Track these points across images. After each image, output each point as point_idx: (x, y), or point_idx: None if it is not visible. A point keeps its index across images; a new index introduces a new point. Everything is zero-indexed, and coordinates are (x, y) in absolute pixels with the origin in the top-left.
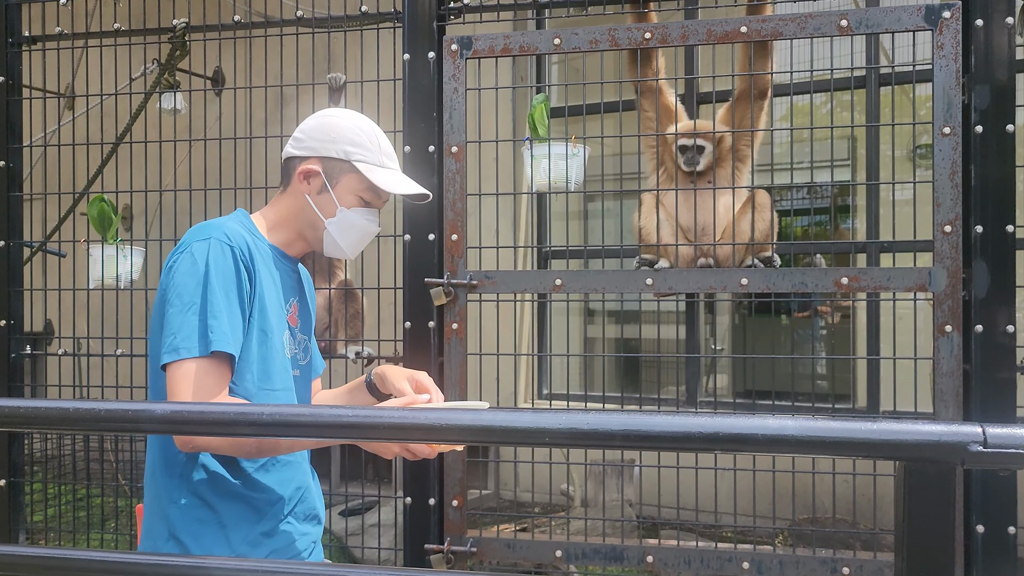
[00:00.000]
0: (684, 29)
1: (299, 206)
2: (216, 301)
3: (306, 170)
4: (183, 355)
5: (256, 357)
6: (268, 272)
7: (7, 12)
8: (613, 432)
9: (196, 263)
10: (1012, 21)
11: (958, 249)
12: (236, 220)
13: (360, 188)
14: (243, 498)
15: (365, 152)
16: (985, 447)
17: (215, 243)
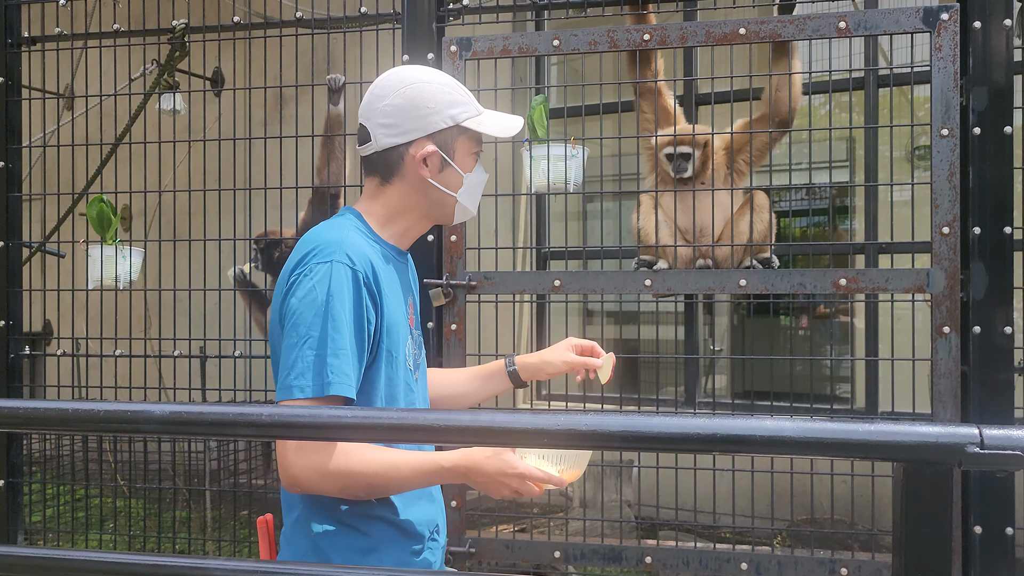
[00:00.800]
0: (683, 30)
1: (419, 191)
2: (337, 337)
3: (424, 154)
4: (295, 395)
5: (384, 382)
6: (389, 282)
7: (6, 12)
8: (612, 433)
9: (315, 290)
10: (1010, 23)
11: (956, 250)
12: (354, 227)
13: (473, 146)
14: (391, 522)
15: (464, 106)
16: (982, 448)
17: (338, 267)
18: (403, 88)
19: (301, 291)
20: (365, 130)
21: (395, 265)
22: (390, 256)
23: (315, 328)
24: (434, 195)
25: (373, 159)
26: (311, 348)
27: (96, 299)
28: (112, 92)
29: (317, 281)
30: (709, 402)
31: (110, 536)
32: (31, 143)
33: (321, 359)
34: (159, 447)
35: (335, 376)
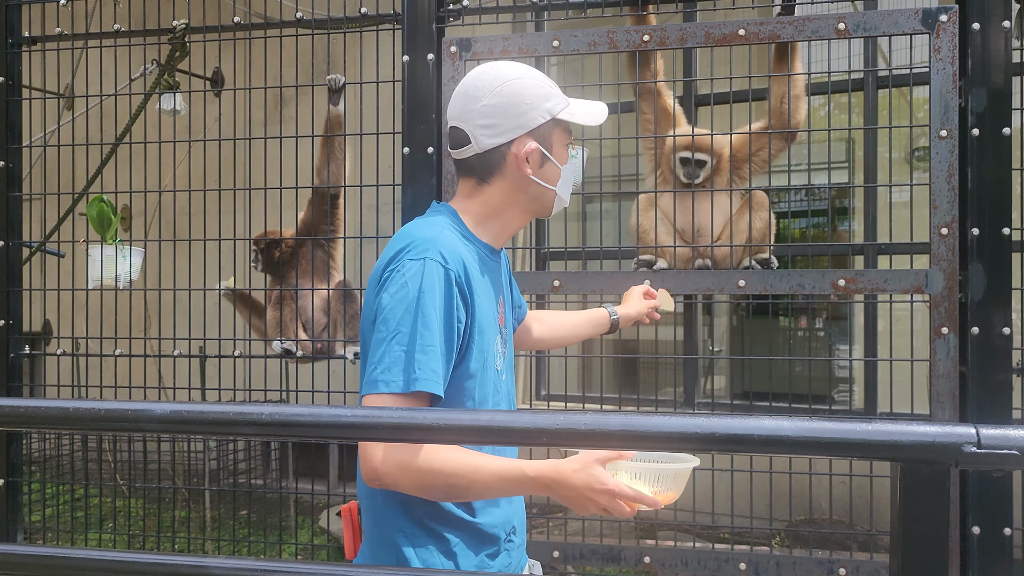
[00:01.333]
0: (683, 31)
1: (520, 188)
2: (426, 334)
3: (526, 152)
4: (381, 389)
5: (474, 383)
6: (482, 282)
7: (7, 12)
8: (611, 432)
9: (407, 286)
10: (1009, 25)
11: (955, 251)
12: (449, 226)
13: (566, 136)
14: (467, 525)
15: (556, 98)
16: (979, 448)
17: (430, 265)
18: (499, 87)
19: (393, 287)
20: (462, 133)
21: (489, 264)
22: (484, 255)
23: (405, 324)
24: (534, 190)
25: (471, 161)
26: (400, 344)
27: (96, 299)
28: (112, 92)
29: (409, 277)
30: (708, 403)
31: (109, 535)
32: (31, 143)
33: (410, 355)
34: (159, 447)
35: (422, 372)
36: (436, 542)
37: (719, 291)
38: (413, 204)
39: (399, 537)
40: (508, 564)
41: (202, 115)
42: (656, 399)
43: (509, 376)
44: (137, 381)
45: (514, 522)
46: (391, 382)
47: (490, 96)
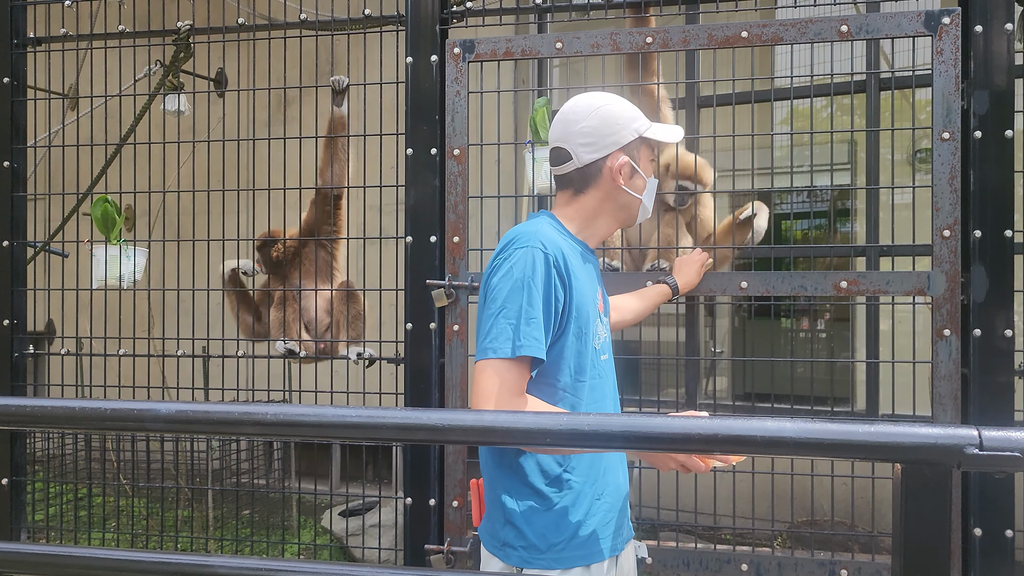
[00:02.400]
0: (685, 33)
1: (611, 197)
2: (529, 309)
3: (619, 165)
4: (489, 355)
5: (573, 353)
6: (580, 269)
7: (12, 14)
8: (613, 433)
9: (513, 270)
10: (1011, 27)
11: (957, 253)
12: (548, 224)
13: (650, 153)
14: (568, 484)
15: (641, 119)
16: (981, 450)
17: (533, 251)
18: (594, 111)
19: (501, 271)
20: (563, 151)
21: (585, 257)
22: (579, 250)
23: (511, 301)
24: (623, 199)
25: (571, 175)
26: (506, 318)
27: (99, 298)
28: (116, 92)
29: (515, 263)
30: (710, 404)
31: (112, 535)
32: (36, 143)
33: (515, 327)
34: (161, 447)
35: (526, 340)
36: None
37: (721, 292)
38: (416, 205)
39: (506, 496)
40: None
41: (206, 116)
42: (658, 400)
43: (610, 358)
44: (140, 381)
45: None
46: (499, 349)
47: (587, 119)
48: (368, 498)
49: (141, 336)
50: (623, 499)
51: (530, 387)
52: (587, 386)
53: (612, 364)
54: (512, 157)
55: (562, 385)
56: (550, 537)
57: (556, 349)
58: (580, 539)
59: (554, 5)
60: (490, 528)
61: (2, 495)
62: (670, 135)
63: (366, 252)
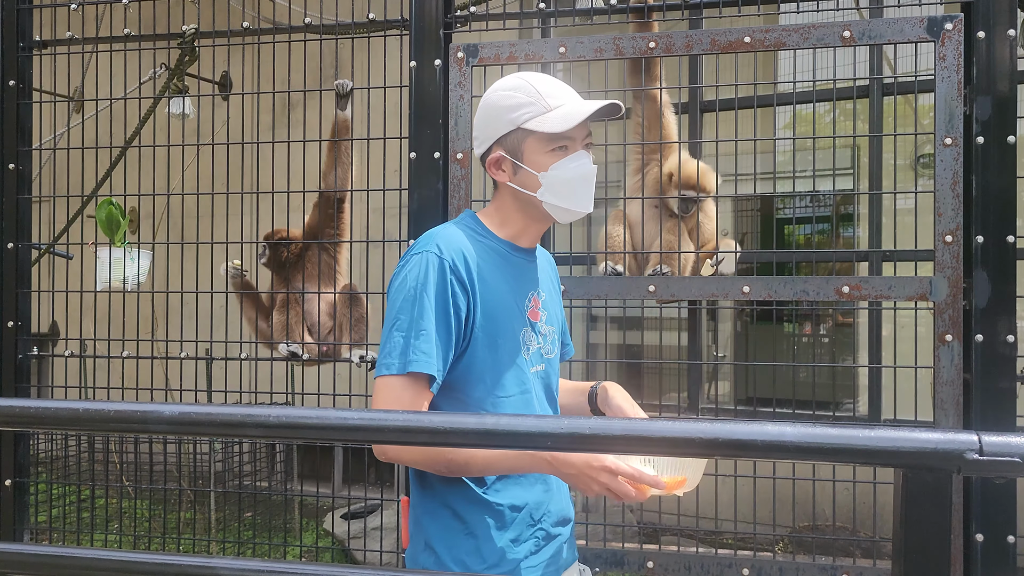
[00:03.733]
0: (688, 38)
1: (511, 194)
2: (420, 320)
3: (492, 160)
4: (383, 372)
5: (486, 366)
6: (499, 273)
7: (18, 17)
8: (615, 436)
9: (407, 280)
10: (1014, 33)
11: (959, 259)
12: (462, 225)
13: (544, 144)
14: (488, 506)
15: (527, 108)
16: (981, 455)
17: (427, 257)
18: (483, 100)
19: (397, 281)
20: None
21: (512, 260)
22: (504, 251)
23: (404, 312)
24: (522, 197)
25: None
26: (399, 331)
27: (103, 301)
28: (121, 96)
29: (408, 271)
30: (712, 408)
31: (115, 536)
32: (41, 145)
33: (406, 340)
34: (164, 448)
35: (415, 355)
36: (457, 521)
37: (723, 297)
38: (419, 208)
39: (425, 518)
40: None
41: (210, 119)
42: (660, 404)
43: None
44: (144, 383)
45: (548, 508)
46: (391, 365)
47: (479, 110)
48: (370, 500)
49: (145, 338)
50: (563, 523)
51: (443, 401)
52: (511, 401)
53: (550, 376)
54: None
55: (475, 400)
56: (470, 564)
57: (464, 361)
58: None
59: (558, 10)
60: (412, 553)
61: (5, 496)
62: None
63: (369, 255)
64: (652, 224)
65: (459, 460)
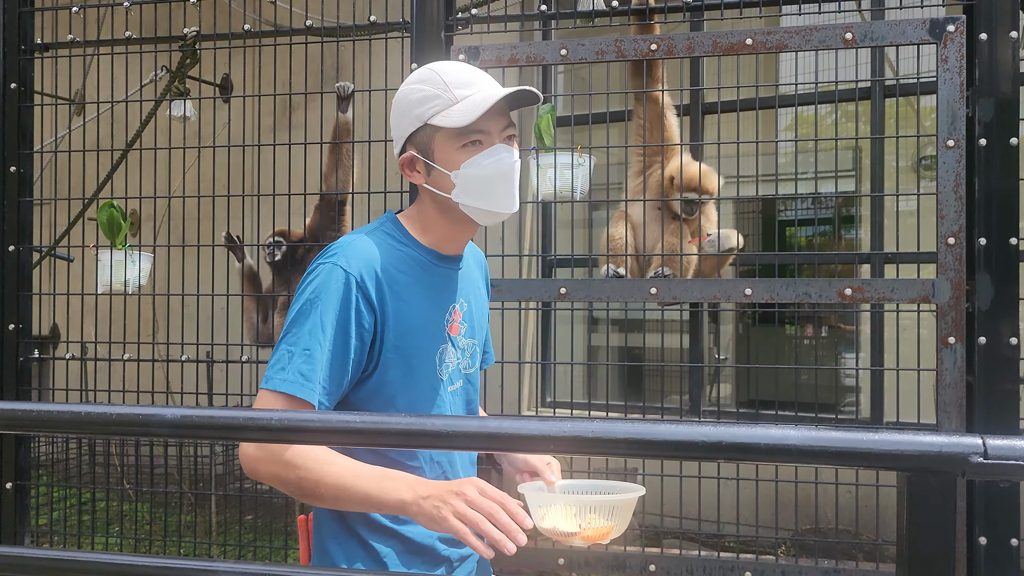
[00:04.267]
0: (690, 40)
1: (429, 197)
2: (307, 338)
3: (405, 160)
4: (263, 384)
5: (397, 390)
6: (418, 286)
7: (20, 20)
8: (617, 439)
9: (307, 291)
10: (1016, 35)
11: (962, 261)
12: (379, 230)
13: (452, 139)
14: (394, 533)
15: (433, 101)
16: (985, 458)
17: (331, 270)
18: (395, 97)
19: (299, 289)
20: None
21: (434, 270)
22: (426, 261)
23: (295, 325)
24: (439, 200)
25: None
26: (287, 344)
27: (104, 303)
28: (123, 98)
29: (310, 282)
30: (714, 411)
31: (116, 539)
32: (42, 148)
33: (290, 356)
34: (165, 451)
35: (289, 375)
36: (364, 550)
37: (725, 299)
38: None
39: (331, 544)
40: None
41: (211, 121)
42: (662, 407)
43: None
44: (144, 385)
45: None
46: (269, 379)
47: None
48: None
49: (146, 341)
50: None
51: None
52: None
53: (470, 393)
54: None
55: None
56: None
57: (372, 382)
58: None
59: (559, 12)
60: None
61: (6, 499)
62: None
63: None
64: (654, 226)
65: (310, 479)
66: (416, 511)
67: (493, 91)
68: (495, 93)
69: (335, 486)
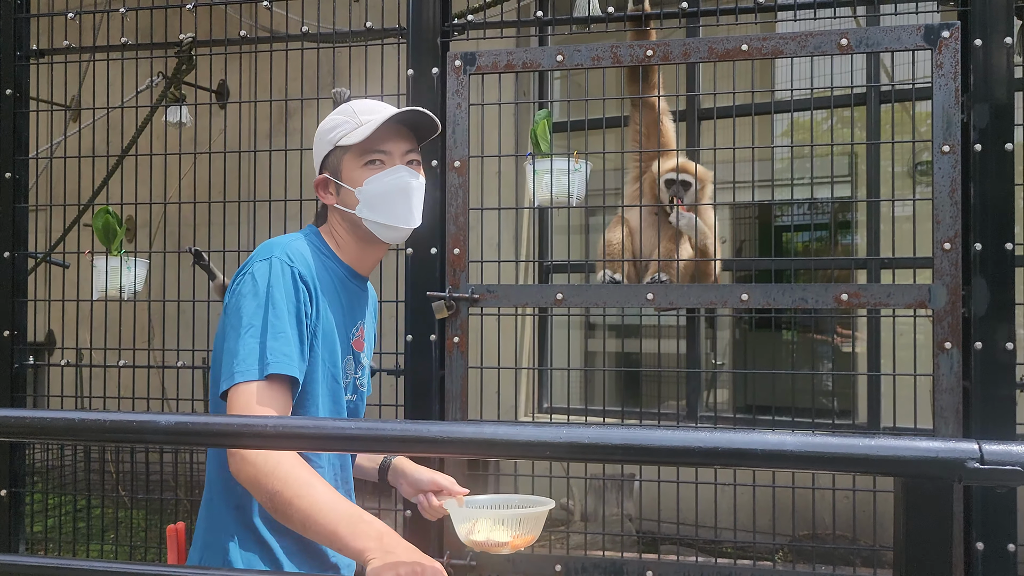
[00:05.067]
0: (686, 46)
1: (339, 216)
2: (277, 323)
3: (319, 182)
4: (237, 379)
5: (319, 386)
6: (336, 295)
7: (16, 26)
8: (614, 446)
9: (257, 284)
10: (1011, 41)
11: (958, 266)
12: (306, 239)
13: (356, 159)
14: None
15: (342, 127)
16: (982, 464)
17: (275, 263)
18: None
19: (243, 288)
20: None
21: (348, 287)
22: (344, 276)
23: (256, 317)
24: (348, 218)
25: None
26: (253, 336)
27: (100, 310)
28: (119, 104)
29: (258, 276)
30: (711, 416)
31: (111, 546)
32: (38, 154)
33: (263, 344)
34: (161, 458)
35: (274, 357)
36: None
37: (722, 304)
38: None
39: (229, 541)
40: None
41: (207, 127)
42: (659, 412)
43: (361, 403)
44: (140, 392)
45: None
46: (247, 371)
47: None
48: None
49: (141, 347)
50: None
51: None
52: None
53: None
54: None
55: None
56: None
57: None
58: None
59: (555, 18)
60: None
61: (1, 507)
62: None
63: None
64: (651, 231)
65: (285, 495)
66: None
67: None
68: (388, 112)
69: (306, 513)
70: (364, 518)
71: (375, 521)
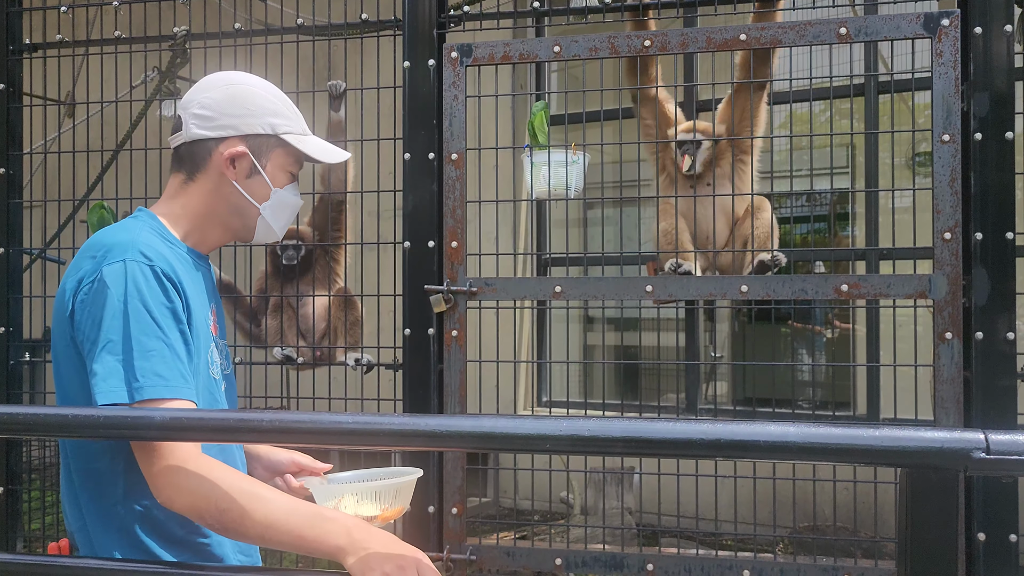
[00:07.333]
0: (684, 37)
1: (221, 194)
2: (143, 339)
3: (232, 153)
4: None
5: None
6: (193, 284)
7: (8, 20)
8: (614, 438)
9: (110, 293)
10: (1011, 29)
11: (958, 256)
12: (147, 227)
13: (289, 163)
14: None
15: (288, 121)
16: (988, 454)
17: (132, 265)
18: (227, 85)
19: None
20: (180, 119)
21: (197, 269)
22: (191, 260)
23: (115, 332)
24: (236, 201)
25: (181, 152)
26: (112, 354)
27: None
28: (113, 99)
29: (111, 283)
30: (710, 409)
31: None
32: (32, 150)
33: (128, 364)
34: None
35: (145, 379)
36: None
37: (721, 297)
38: (414, 210)
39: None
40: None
41: None
42: (658, 405)
43: (231, 388)
44: None
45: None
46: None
47: (215, 90)
48: None
49: None
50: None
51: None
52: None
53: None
54: (510, 161)
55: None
56: None
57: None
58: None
59: (552, 9)
60: None
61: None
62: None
63: (364, 258)
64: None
65: (233, 513)
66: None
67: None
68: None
69: (264, 524)
70: (326, 515)
71: (338, 515)
